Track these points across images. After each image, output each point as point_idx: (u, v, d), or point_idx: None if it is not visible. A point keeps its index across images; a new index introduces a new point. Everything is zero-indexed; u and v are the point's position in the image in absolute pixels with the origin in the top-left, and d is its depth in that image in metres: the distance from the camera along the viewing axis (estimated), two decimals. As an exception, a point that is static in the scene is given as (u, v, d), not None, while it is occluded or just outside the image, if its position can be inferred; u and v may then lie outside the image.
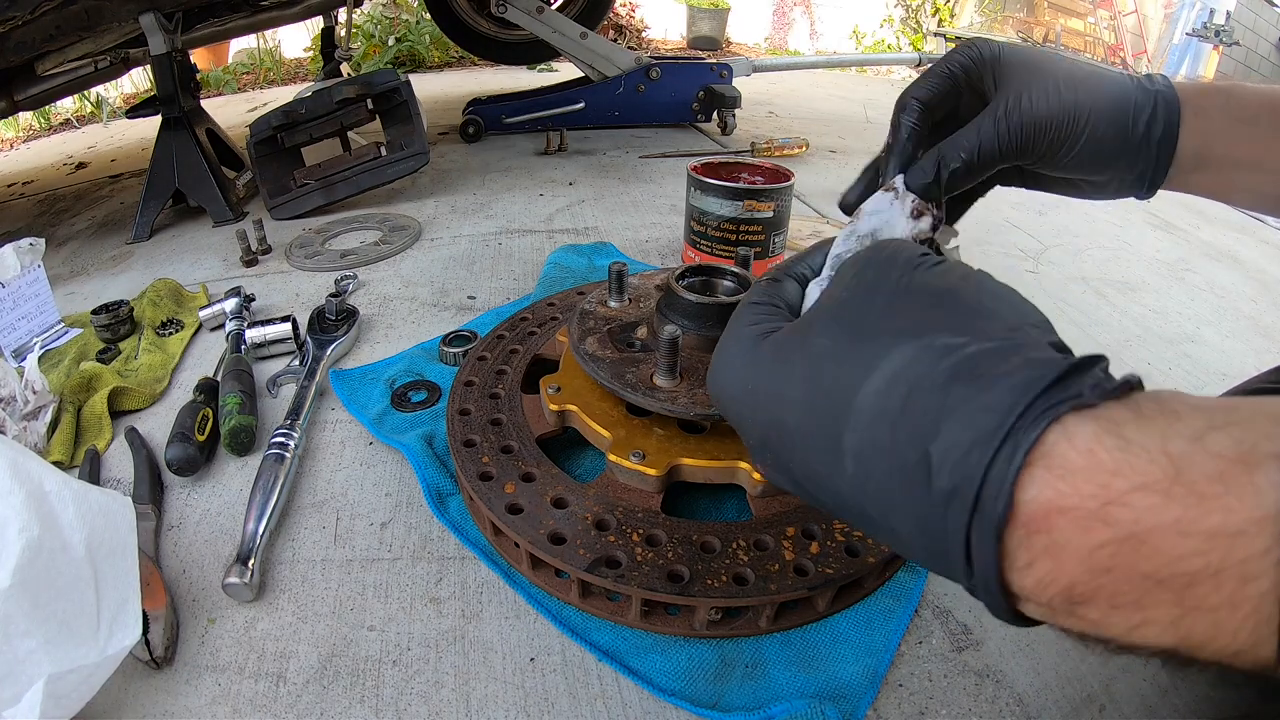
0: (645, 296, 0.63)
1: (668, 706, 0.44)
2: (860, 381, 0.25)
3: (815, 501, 0.29)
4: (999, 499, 0.20)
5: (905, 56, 2.43)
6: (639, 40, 3.81)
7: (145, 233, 1.22)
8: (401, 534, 0.57)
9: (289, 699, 0.45)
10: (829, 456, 0.26)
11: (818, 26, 4.30)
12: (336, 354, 0.79)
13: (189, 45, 1.51)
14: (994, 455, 0.20)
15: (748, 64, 1.80)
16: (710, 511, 0.57)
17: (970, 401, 0.21)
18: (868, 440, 0.24)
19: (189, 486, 0.62)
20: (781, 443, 0.28)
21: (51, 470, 0.42)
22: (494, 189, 1.37)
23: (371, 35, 3.00)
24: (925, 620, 0.50)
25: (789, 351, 0.28)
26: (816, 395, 0.26)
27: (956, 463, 0.21)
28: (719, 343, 0.32)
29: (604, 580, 0.45)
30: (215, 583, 0.52)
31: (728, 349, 0.32)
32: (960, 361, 0.23)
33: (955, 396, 0.22)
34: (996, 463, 0.20)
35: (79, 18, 1.07)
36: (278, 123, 1.23)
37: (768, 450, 0.29)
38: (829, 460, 0.26)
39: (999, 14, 3.83)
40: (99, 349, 0.83)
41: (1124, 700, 0.45)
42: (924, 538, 0.23)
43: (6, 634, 0.37)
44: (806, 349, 0.27)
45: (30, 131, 2.48)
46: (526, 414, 0.60)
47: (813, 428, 0.26)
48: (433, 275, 1.01)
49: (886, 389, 0.24)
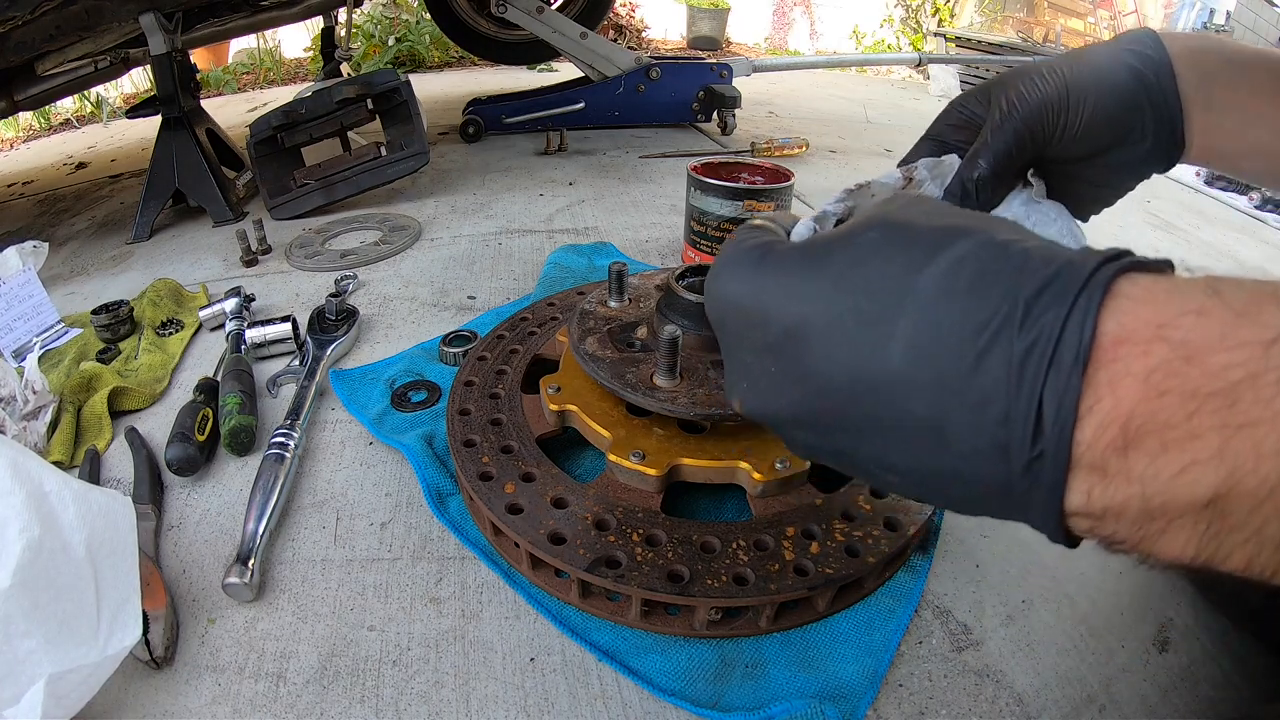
0: (645, 296, 0.63)
1: (668, 706, 0.44)
2: (921, 266, 0.24)
3: (825, 414, 0.27)
4: (1084, 330, 0.21)
5: (905, 56, 2.44)
6: (639, 40, 3.81)
7: (145, 233, 1.22)
8: (401, 534, 0.57)
9: (289, 699, 0.45)
10: (871, 349, 0.25)
11: (818, 26, 4.30)
12: (336, 354, 0.79)
13: (189, 45, 1.51)
14: (1073, 301, 0.21)
15: (748, 64, 1.80)
16: (710, 511, 0.57)
17: (1041, 270, 0.23)
18: (928, 321, 0.24)
19: (189, 486, 0.62)
20: (800, 345, 0.27)
21: (52, 470, 0.42)
22: (494, 189, 1.37)
23: (371, 35, 3.00)
24: (925, 620, 0.50)
25: (823, 251, 0.27)
26: (863, 287, 0.25)
27: (1035, 317, 0.22)
28: (717, 258, 0.31)
29: (604, 580, 0.45)
30: (215, 583, 0.52)
31: (733, 259, 0.30)
32: (1026, 249, 0.24)
33: (1027, 270, 0.23)
34: (1075, 309, 0.21)
35: (79, 18, 1.07)
36: (278, 123, 1.23)
37: (776, 357, 0.28)
38: (870, 352, 0.25)
39: (999, 14, 3.83)
40: (99, 349, 0.83)
41: (1124, 700, 0.45)
42: (979, 416, 0.23)
43: (6, 634, 0.37)
44: (850, 244, 0.27)
45: (30, 131, 2.48)
46: (526, 414, 0.60)
47: (852, 320, 0.25)
48: (433, 275, 1.01)
49: (952, 270, 0.24)
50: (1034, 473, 0.22)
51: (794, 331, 0.27)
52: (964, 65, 2.52)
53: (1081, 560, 0.55)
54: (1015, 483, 0.23)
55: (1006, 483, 0.23)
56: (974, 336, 0.23)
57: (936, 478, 0.25)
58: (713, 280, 0.31)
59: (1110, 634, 0.49)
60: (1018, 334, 0.22)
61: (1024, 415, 0.22)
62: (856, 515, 0.50)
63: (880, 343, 0.24)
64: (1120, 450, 0.21)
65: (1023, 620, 0.50)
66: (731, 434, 0.53)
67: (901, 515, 0.50)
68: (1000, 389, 0.22)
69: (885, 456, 0.26)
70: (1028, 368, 0.22)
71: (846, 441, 0.27)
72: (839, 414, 0.26)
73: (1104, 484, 0.21)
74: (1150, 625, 0.50)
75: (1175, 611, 0.51)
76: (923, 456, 0.25)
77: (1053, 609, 0.51)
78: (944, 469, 0.24)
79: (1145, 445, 0.20)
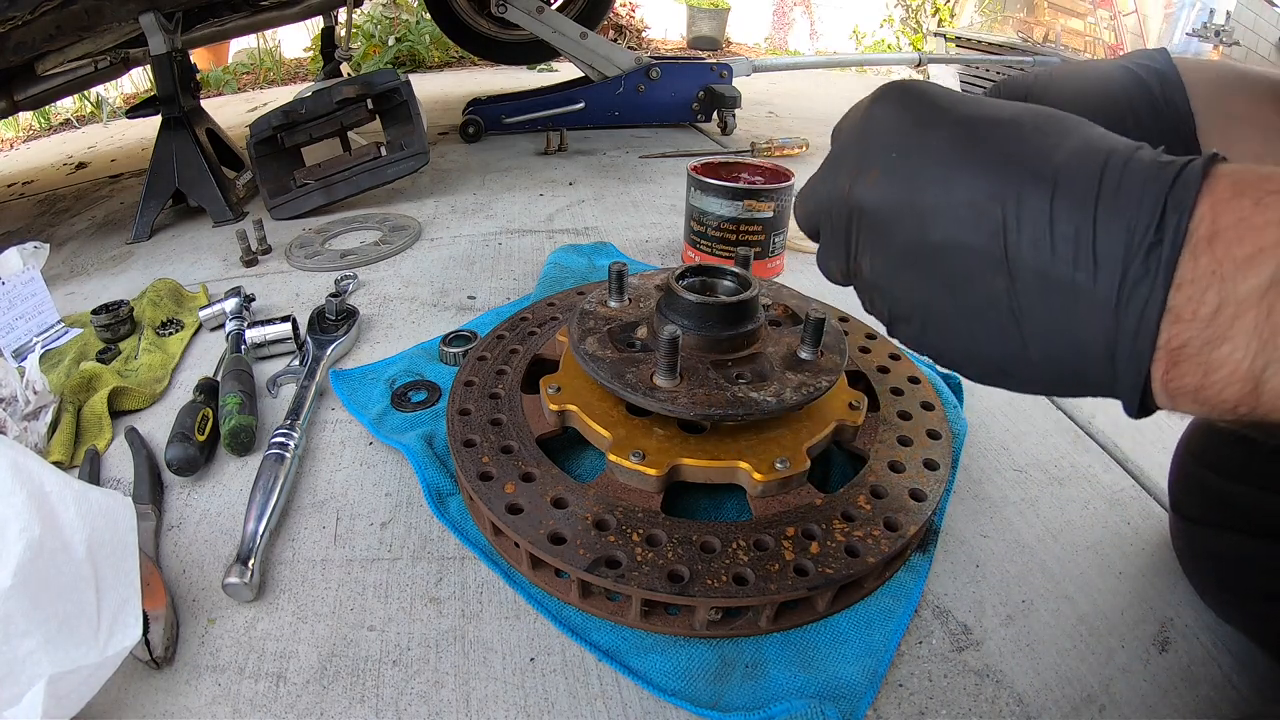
0: (645, 296, 0.63)
1: (668, 706, 0.44)
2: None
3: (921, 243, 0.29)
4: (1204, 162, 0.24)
5: (905, 56, 2.43)
6: (639, 40, 3.81)
7: (145, 233, 1.22)
8: (401, 534, 0.57)
9: (289, 699, 0.45)
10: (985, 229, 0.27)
11: (818, 26, 4.30)
12: (336, 354, 0.79)
13: (189, 45, 1.51)
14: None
15: (748, 64, 1.80)
16: (710, 511, 0.57)
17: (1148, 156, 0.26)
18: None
19: (189, 486, 0.62)
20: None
21: (52, 470, 0.42)
22: (494, 189, 1.37)
23: (371, 35, 3.00)
24: (925, 620, 0.50)
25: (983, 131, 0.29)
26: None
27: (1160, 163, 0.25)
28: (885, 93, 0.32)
29: (604, 580, 0.45)
30: (215, 583, 0.52)
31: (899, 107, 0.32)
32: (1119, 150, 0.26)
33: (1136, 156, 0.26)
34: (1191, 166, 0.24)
35: (79, 18, 1.07)
36: (278, 123, 1.23)
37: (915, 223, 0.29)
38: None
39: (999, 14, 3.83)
40: (99, 349, 0.83)
41: (1124, 700, 0.45)
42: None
43: (7, 634, 0.37)
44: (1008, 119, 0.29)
45: (30, 131, 2.48)
46: (526, 414, 0.60)
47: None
48: (433, 275, 1.01)
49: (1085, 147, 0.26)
50: (1135, 296, 0.24)
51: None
52: (964, 65, 2.52)
53: (1081, 560, 0.55)
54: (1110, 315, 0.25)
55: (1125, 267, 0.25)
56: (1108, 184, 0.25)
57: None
58: (876, 108, 0.32)
59: (1110, 634, 0.49)
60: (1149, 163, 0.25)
61: (1145, 239, 0.24)
62: (856, 515, 0.50)
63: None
64: (1208, 241, 0.23)
65: (1023, 620, 0.50)
66: (731, 434, 0.53)
67: (901, 515, 0.50)
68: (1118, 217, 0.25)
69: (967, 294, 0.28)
70: (1152, 184, 0.25)
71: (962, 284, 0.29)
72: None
73: (1194, 269, 0.23)
74: (1150, 625, 0.50)
75: (1175, 611, 0.51)
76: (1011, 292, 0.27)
77: (1053, 609, 0.51)
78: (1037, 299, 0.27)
79: (1224, 236, 0.23)
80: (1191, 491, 0.51)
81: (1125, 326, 0.25)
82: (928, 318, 0.30)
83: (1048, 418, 0.71)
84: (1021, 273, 0.26)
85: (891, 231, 0.30)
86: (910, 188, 0.29)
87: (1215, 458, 0.49)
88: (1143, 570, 0.54)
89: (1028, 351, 0.28)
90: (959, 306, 0.29)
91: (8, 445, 0.41)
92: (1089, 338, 0.26)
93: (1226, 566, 0.48)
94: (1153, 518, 0.59)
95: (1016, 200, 0.26)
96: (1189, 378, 0.24)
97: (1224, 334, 0.23)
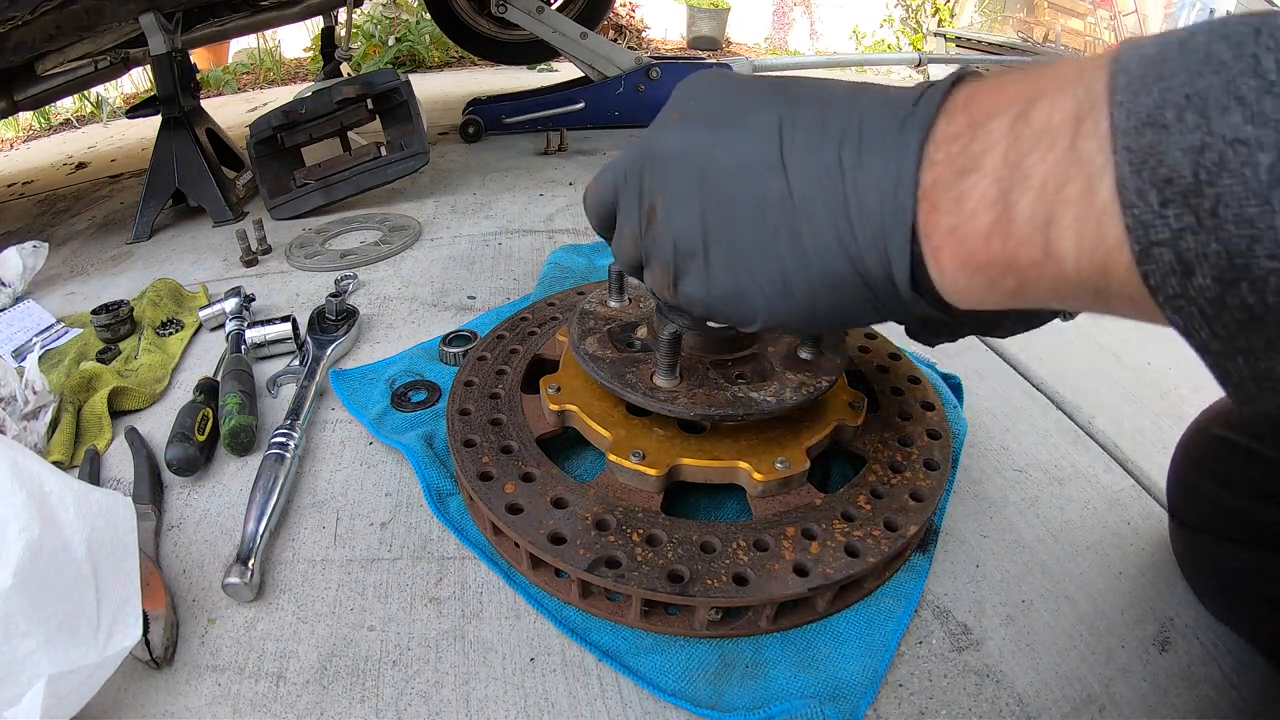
0: (645, 296, 0.63)
1: (668, 706, 0.44)
2: None
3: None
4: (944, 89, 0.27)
5: (905, 56, 2.43)
6: (639, 40, 3.81)
7: (145, 233, 1.22)
8: (401, 534, 0.57)
9: (289, 699, 0.45)
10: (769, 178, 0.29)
11: (818, 26, 4.29)
12: (336, 354, 0.79)
13: (189, 45, 1.51)
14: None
15: (748, 64, 1.80)
16: (710, 511, 0.57)
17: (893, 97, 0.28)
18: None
19: (189, 486, 0.62)
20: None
21: (52, 470, 0.42)
22: (494, 189, 1.37)
23: (371, 35, 3.00)
24: (925, 620, 0.50)
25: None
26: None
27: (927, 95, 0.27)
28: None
29: (604, 580, 0.45)
30: (215, 583, 0.52)
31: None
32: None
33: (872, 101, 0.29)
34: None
35: (79, 18, 1.07)
36: (278, 123, 1.23)
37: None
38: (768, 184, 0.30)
39: (999, 14, 3.83)
40: (99, 349, 0.83)
41: (1124, 700, 0.45)
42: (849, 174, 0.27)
43: (7, 634, 0.37)
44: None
45: (30, 131, 2.48)
46: (526, 414, 0.60)
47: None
48: (433, 275, 1.01)
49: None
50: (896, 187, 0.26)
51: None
52: (963, 65, 2.52)
53: (1082, 560, 0.55)
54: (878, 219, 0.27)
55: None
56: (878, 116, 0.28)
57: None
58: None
59: (1110, 634, 0.49)
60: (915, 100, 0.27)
61: (897, 156, 0.27)
62: (856, 515, 0.50)
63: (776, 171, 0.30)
64: (964, 104, 0.26)
65: (1023, 620, 0.50)
66: (731, 434, 0.53)
67: (901, 515, 0.50)
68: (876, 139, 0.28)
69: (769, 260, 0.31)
70: (915, 115, 0.27)
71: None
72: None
73: (950, 126, 0.25)
74: (1150, 625, 0.50)
75: (1175, 611, 0.51)
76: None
77: (1053, 609, 0.51)
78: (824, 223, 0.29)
79: (979, 99, 0.25)
80: (1191, 499, 0.51)
81: (886, 186, 0.26)
82: (711, 243, 0.32)
83: (1048, 418, 0.71)
84: (793, 168, 0.29)
85: (686, 160, 0.32)
86: (706, 124, 0.32)
87: (1214, 466, 0.49)
88: (1143, 570, 0.54)
89: (808, 258, 0.29)
90: (741, 218, 0.31)
91: (8, 445, 0.41)
92: (861, 221, 0.27)
93: (1226, 573, 0.48)
94: (1153, 518, 0.59)
95: (793, 117, 0.29)
96: (946, 216, 0.25)
97: (974, 164, 0.24)
